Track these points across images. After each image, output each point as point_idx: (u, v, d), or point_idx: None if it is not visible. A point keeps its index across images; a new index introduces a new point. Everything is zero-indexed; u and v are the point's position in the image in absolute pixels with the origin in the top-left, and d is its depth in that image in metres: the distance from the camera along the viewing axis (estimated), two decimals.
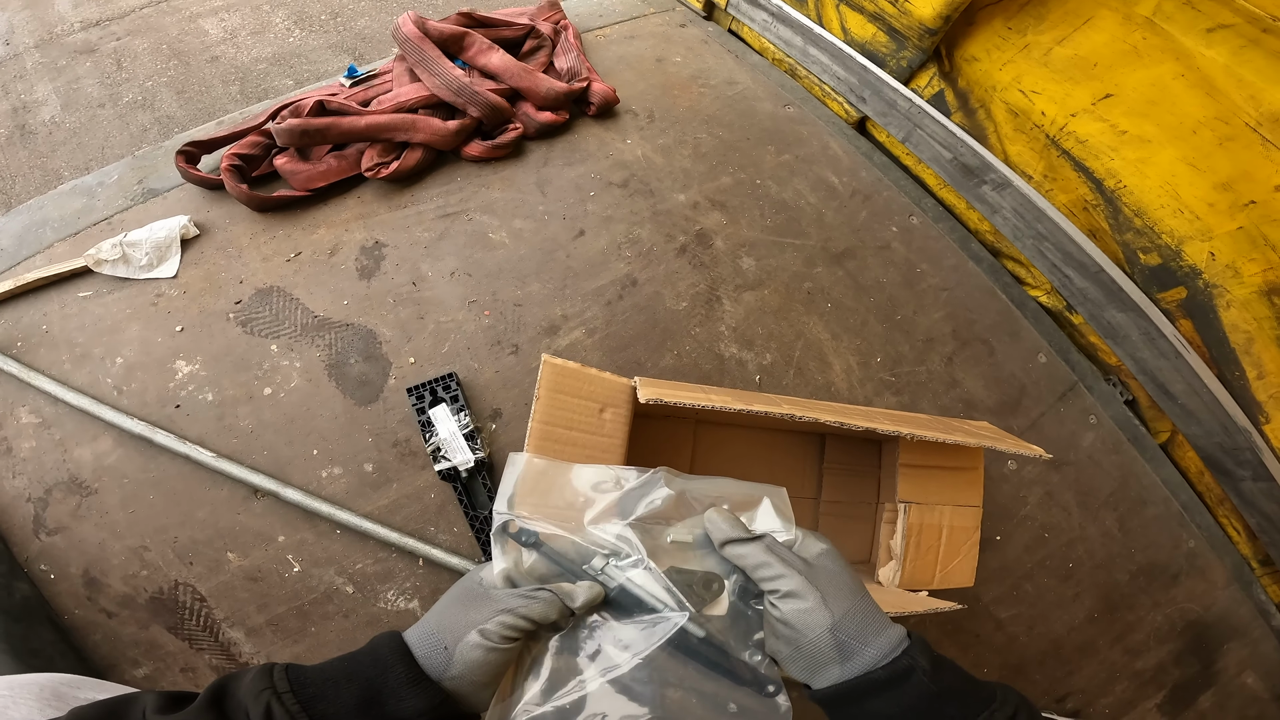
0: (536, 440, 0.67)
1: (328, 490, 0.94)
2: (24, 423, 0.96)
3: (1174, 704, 1.07)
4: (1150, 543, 1.11)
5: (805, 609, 0.43)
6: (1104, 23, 1.02)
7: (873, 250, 1.25)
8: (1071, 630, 1.05)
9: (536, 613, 0.42)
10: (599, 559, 0.48)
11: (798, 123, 1.41)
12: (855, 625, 0.43)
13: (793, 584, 0.43)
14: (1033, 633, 1.04)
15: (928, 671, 0.41)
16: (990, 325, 1.20)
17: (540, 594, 0.43)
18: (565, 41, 1.40)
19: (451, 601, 0.45)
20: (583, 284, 1.10)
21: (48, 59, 2.57)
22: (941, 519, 0.81)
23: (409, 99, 1.18)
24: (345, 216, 1.12)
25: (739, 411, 0.68)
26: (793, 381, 1.10)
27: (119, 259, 1.05)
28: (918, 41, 1.19)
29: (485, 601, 0.43)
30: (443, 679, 0.41)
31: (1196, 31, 0.92)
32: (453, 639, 0.42)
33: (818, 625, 0.42)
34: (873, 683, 0.41)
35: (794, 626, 0.43)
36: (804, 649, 0.43)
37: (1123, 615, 1.06)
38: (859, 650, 0.42)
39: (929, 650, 0.43)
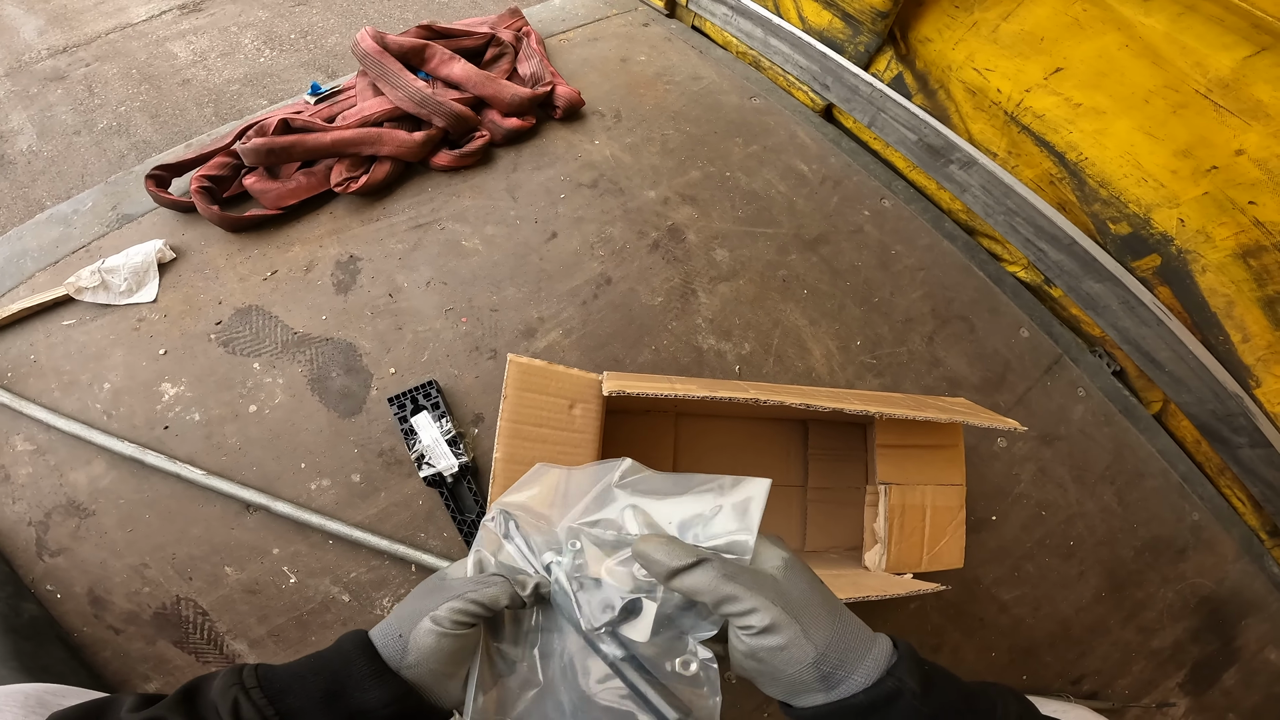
0: (506, 439, 0.69)
1: (317, 502, 0.95)
2: (19, 450, 0.98)
3: (1196, 683, 1.05)
4: (1152, 516, 1.09)
5: (783, 643, 0.37)
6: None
7: (846, 235, 1.26)
8: (1079, 610, 1.04)
9: (486, 597, 0.41)
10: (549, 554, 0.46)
11: (764, 113, 1.43)
12: (839, 653, 0.38)
13: (767, 617, 0.37)
14: (1039, 614, 1.03)
15: (917, 694, 0.37)
16: (969, 302, 1.21)
17: (492, 579, 0.43)
18: (528, 47, 1.42)
19: (412, 595, 0.46)
20: (557, 285, 1.11)
21: (18, 87, 2.57)
22: (924, 499, 0.80)
23: (373, 113, 1.19)
24: (319, 233, 1.13)
25: (705, 399, 0.68)
26: (773, 369, 1.10)
27: (99, 286, 1.06)
28: (871, 25, 1.20)
29: (441, 591, 0.43)
30: (401, 669, 0.41)
31: (1133, 1, 0.93)
32: (408, 627, 0.42)
33: (801, 660, 0.37)
34: (855, 709, 0.37)
35: (771, 663, 0.38)
36: (782, 680, 0.39)
37: (1131, 593, 1.05)
38: (844, 679, 0.37)
39: (918, 664, 0.39)
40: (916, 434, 0.83)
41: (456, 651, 0.42)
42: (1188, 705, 1.05)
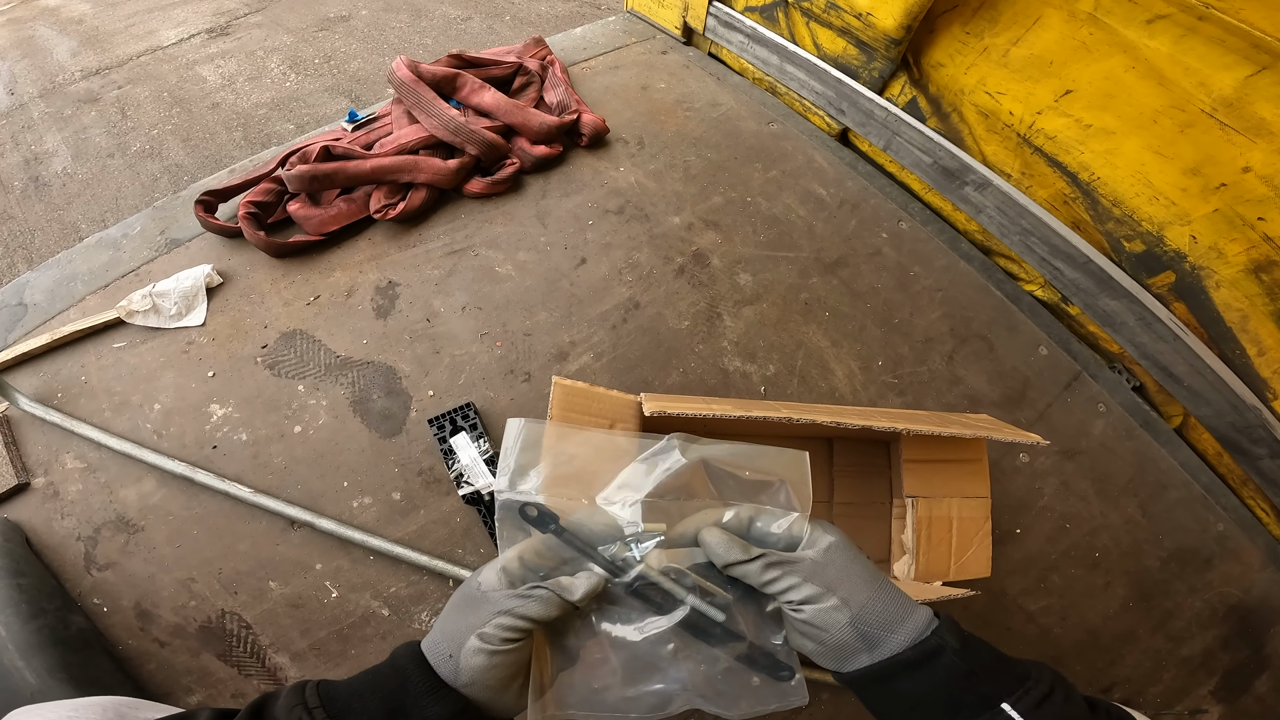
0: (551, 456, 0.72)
1: (359, 519, 0.99)
2: (69, 468, 1.01)
3: (1228, 690, 1.04)
4: (1176, 527, 1.09)
5: (822, 609, 0.42)
6: (1051, 21, 1.04)
7: (864, 257, 1.29)
8: (1107, 619, 1.04)
9: (534, 612, 0.41)
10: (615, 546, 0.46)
11: (782, 139, 1.47)
12: (877, 614, 0.42)
13: (804, 591, 0.43)
14: (1066, 623, 1.03)
15: (957, 650, 0.41)
16: (987, 321, 1.23)
17: (536, 593, 0.42)
18: (553, 76, 1.47)
19: (452, 608, 0.44)
20: (587, 310, 1.15)
21: (53, 109, 2.64)
22: (950, 511, 0.82)
23: (409, 140, 1.24)
24: (359, 258, 1.18)
25: (740, 418, 0.70)
26: (797, 390, 1.13)
27: (149, 309, 1.11)
28: (885, 52, 1.24)
29: (483, 604, 0.42)
30: (456, 686, 0.42)
31: (1137, 24, 0.94)
32: (455, 646, 0.42)
33: (838, 621, 0.42)
34: (902, 663, 0.41)
35: (815, 625, 0.43)
36: (829, 644, 0.43)
37: (1159, 602, 1.05)
38: (885, 638, 0.42)
39: (958, 629, 0.43)
40: (941, 449, 0.84)
41: (510, 665, 0.42)
42: (1221, 712, 1.04)
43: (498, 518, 0.48)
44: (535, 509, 0.47)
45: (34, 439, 1.03)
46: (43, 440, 1.03)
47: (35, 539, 0.96)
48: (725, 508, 0.47)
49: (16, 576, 0.88)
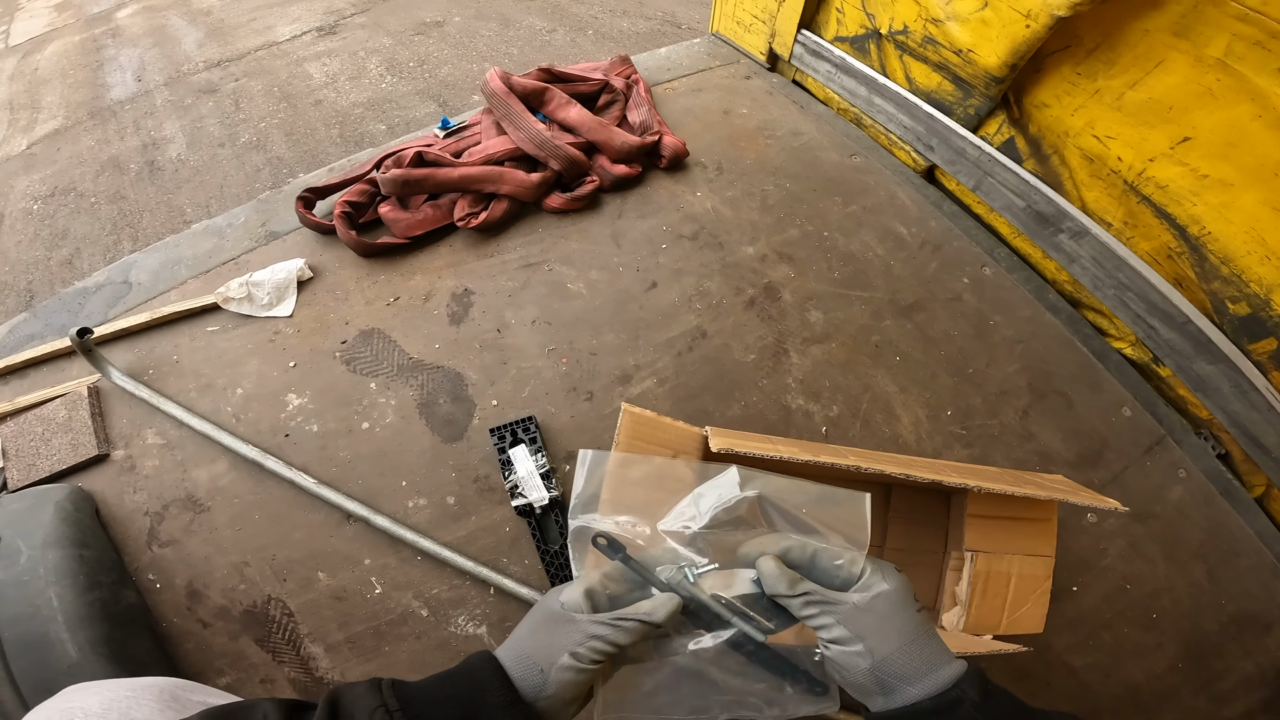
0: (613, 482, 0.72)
1: (412, 519, 1.01)
2: (149, 443, 1.08)
3: None
4: (1242, 592, 1.05)
5: (845, 652, 0.46)
6: (1176, 65, 0.98)
7: (942, 302, 1.24)
8: (1152, 678, 1.00)
9: (624, 640, 0.45)
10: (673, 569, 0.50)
11: (864, 172, 1.43)
12: (899, 666, 0.45)
13: (835, 632, 0.46)
14: (1108, 680, 1.00)
15: (976, 703, 0.43)
16: (1069, 377, 1.17)
17: (627, 625, 0.45)
18: (637, 95, 1.48)
19: (538, 625, 0.47)
20: (654, 335, 1.15)
21: (175, 97, 2.87)
22: (1010, 567, 0.81)
23: (496, 151, 1.28)
24: (438, 264, 1.22)
25: (806, 463, 0.70)
26: (859, 433, 1.10)
27: (244, 298, 1.18)
28: (984, 89, 1.19)
29: (572, 625, 0.46)
30: (537, 700, 0.44)
31: (1269, 71, 0.88)
32: (547, 662, 0.44)
33: (858, 666, 0.45)
34: (918, 712, 0.44)
35: (838, 664, 0.47)
36: (848, 682, 0.47)
37: (1209, 663, 1.01)
38: (900, 688, 0.45)
39: (983, 682, 0.44)
40: (1009, 506, 0.83)
41: (588, 683, 0.46)
42: None
43: (571, 543, 0.52)
44: (605, 538, 0.52)
45: (120, 412, 1.10)
46: (128, 414, 1.10)
47: (105, 510, 1.02)
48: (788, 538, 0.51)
49: (80, 547, 0.92)
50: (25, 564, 0.88)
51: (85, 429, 1.07)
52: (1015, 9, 1.05)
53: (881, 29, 1.35)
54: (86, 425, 1.08)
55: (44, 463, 1.05)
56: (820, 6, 1.52)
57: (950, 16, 1.17)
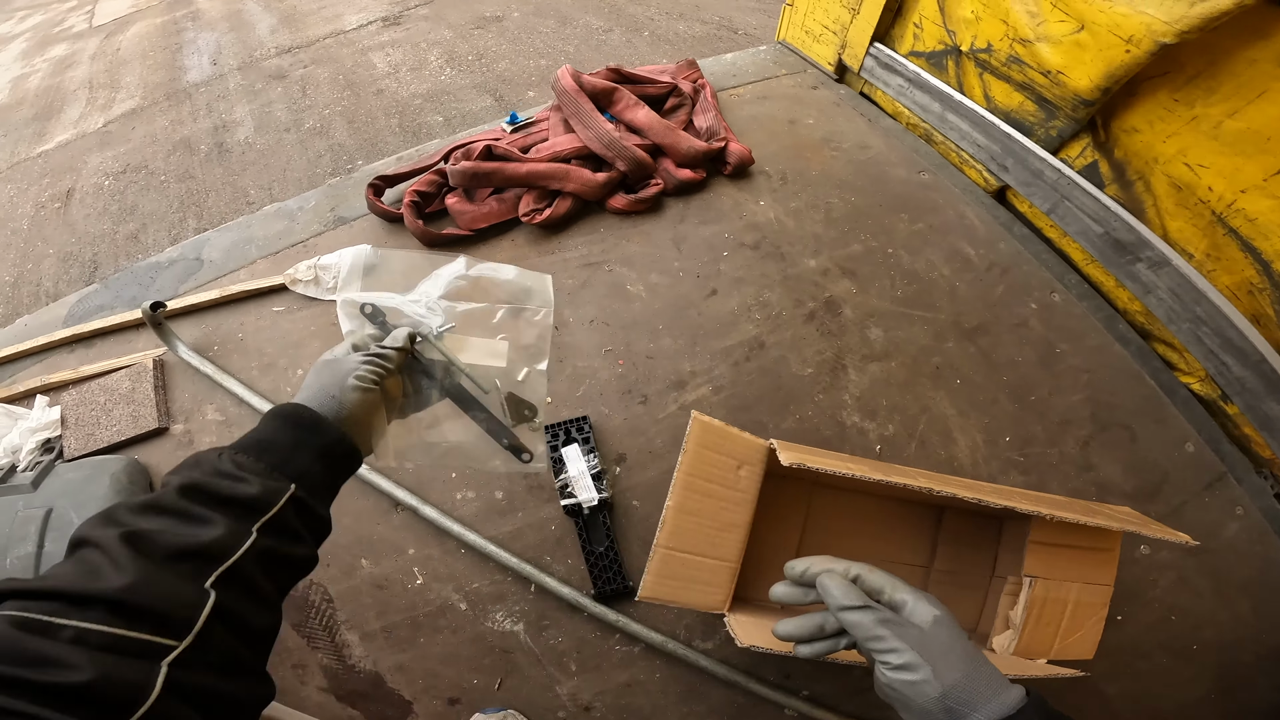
0: (681, 490, 0.73)
1: (460, 511, 1.02)
2: (209, 419, 1.11)
3: None
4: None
5: (915, 680, 0.46)
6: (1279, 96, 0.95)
7: (1008, 327, 1.20)
8: (1181, 709, 0.98)
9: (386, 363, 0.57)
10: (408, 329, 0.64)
11: (932, 190, 1.40)
12: (965, 693, 0.45)
13: (905, 658, 0.46)
14: (1137, 708, 0.97)
15: None
16: (1134, 410, 1.13)
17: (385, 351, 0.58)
18: (704, 100, 1.47)
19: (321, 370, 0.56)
20: (712, 342, 1.14)
21: (247, 81, 2.97)
22: (1067, 594, 0.81)
23: (563, 149, 1.28)
24: (499, 258, 1.22)
25: (878, 482, 0.71)
26: (914, 454, 1.07)
27: (311, 280, 1.21)
28: (1071, 112, 1.16)
29: (345, 363, 0.56)
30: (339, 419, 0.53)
31: None
32: (337, 389, 0.54)
33: (926, 694, 0.46)
34: None
35: (903, 693, 0.47)
36: (914, 710, 0.47)
37: (1239, 695, 0.99)
38: (967, 714, 0.45)
39: (1045, 708, 0.45)
40: (1073, 535, 0.83)
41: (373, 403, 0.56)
42: None
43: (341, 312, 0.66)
44: (371, 306, 0.67)
45: (182, 386, 1.13)
46: (190, 389, 1.13)
47: (158, 484, 1.04)
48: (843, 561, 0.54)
49: None
50: None
51: (147, 401, 1.11)
52: (1115, 34, 1.02)
53: (962, 46, 1.32)
54: (149, 397, 1.11)
55: (103, 433, 1.08)
56: (896, 21, 1.50)
57: (1041, 38, 1.14)
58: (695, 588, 0.75)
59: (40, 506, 0.95)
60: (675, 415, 1.08)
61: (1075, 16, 1.08)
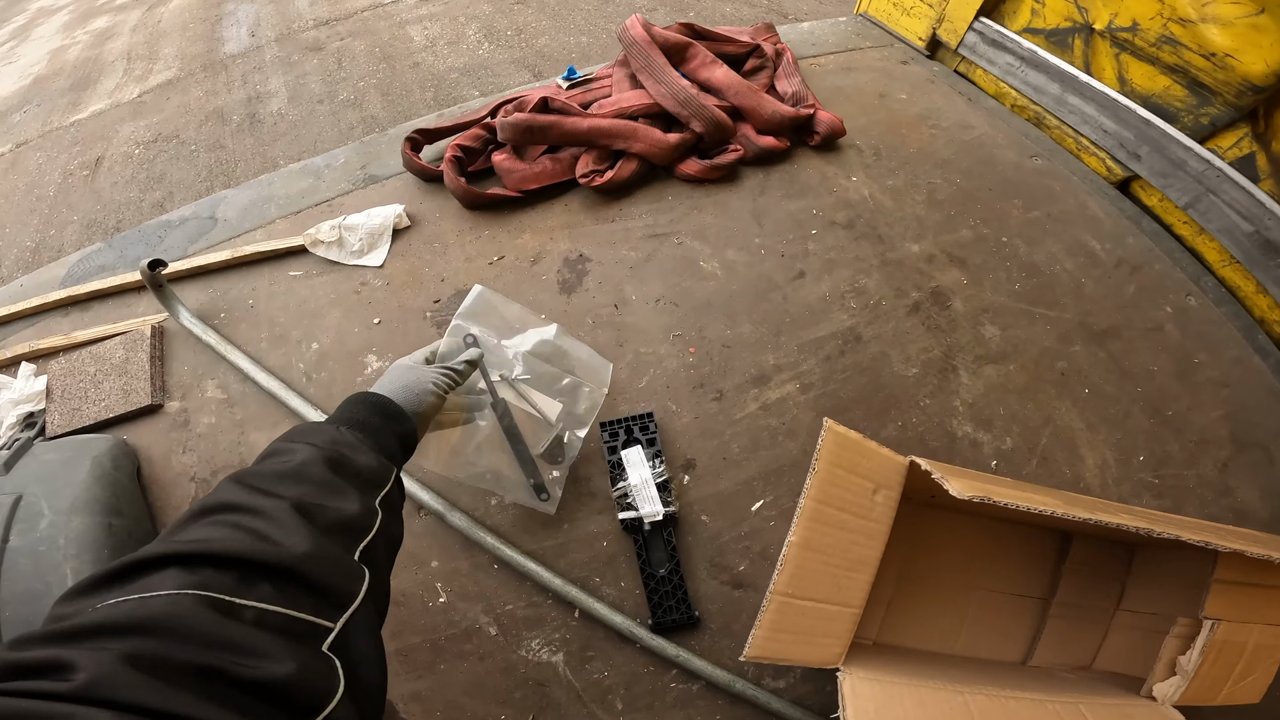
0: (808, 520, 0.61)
1: (494, 519, 0.86)
2: (208, 396, 0.95)
3: None
4: None
5: None
6: None
7: (1141, 332, 1.04)
8: None
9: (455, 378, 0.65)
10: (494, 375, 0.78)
11: (1048, 176, 1.21)
12: None
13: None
14: None
15: None
16: (1273, 430, 1.01)
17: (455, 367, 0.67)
18: (786, 64, 1.30)
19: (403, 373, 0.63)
20: (799, 332, 0.97)
21: (283, 53, 2.89)
22: (1248, 637, 0.73)
23: (631, 105, 1.12)
24: (551, 224, 1.06)
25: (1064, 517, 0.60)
26: (1034, 471, 0.92)
27: (334, 242, 1.06)
28: (1234, 99, 1.03)
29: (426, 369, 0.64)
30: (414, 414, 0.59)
31: None
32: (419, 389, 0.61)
33: None
34: None
35: None
36: None
37: None
38: None
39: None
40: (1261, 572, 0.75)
41: (439, 406, 0.63)
42: None
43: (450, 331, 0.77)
44: (472, 337, 0.77)
45: (183, 358, 0.99)
46: (191, 361, 0.98)
47: (147, 470, 0.89)
48: None
49: (111, 515, 0.80)
50: (45, 530, 0.76)
51: (142, 373, 0.96)
52: None
53: (1096, 24, 1.19)
54: (144, 369, 0.96)
55: (90, 408, 0.94)
56: None
57: (1206, 18, 1.02)
58: (812, 640, 0.61)
59: (9, 493, 0.80)
60: (756, 416, 0.90)
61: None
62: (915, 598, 0.82)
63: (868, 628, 0.80)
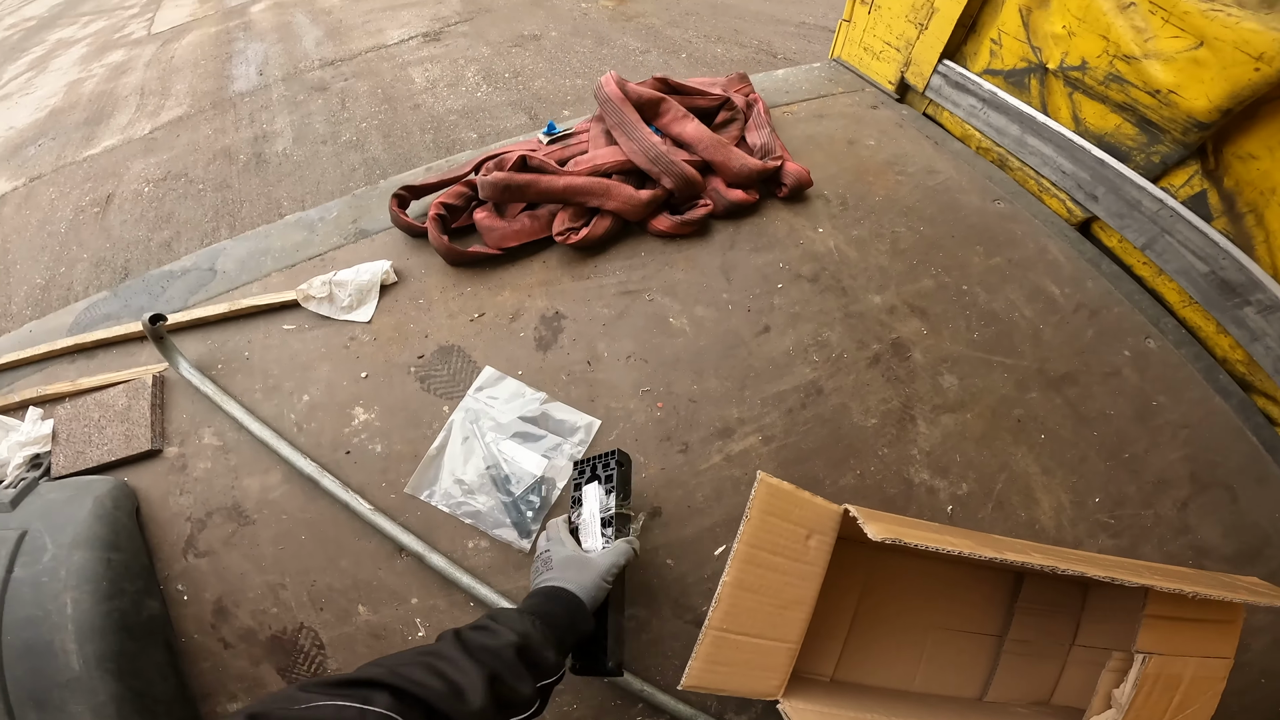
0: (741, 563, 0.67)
1: (471, 561, 0.91)
2: (205, 443, 1.01)
3: None
4: None
5: None
6: None
7: (1099, 377, 1.07)
8: None
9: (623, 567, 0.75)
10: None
11: (1010, 220, 1.26)
12: None
13: None
14: None
15: None
16: (1235, 469, 1.03)
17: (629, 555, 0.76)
18: (757, 116, 1.36)
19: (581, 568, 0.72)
20: (763, 386, 1.02)
21: (290, 92, 2.99)
22: (1183, 670, 0.75)
23: (605, 163, 1.18)
24: (529, 281, 1.12)
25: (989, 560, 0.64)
26: (990, 516, 0.96)
27: (325, 297, 1.12)
28: (1180, 135, 1.05)
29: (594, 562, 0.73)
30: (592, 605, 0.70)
31: None
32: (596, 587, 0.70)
33: None
34: None
35: None
36: None
37: None
38: None
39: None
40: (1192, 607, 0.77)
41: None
42: None
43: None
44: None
45: (181, 406, 1.05)
46: (189, 409, 1.04)
47: (145, 510, 0.95)
48: None
49: (110, 550, 0.86)
50: (47, 563, 0.82)
51: (143, 420, 1.02)
52: (1243, 50, 0.93)
53: (1049, 63, 1.22)
54: (145, 417, 1.03)
55: (94, 451, 1.00)
56: (969, 37, 1.39)
57: (1149, 54, 1.05)
58: (749, 673, 0.67)
59: (15, 529, 0.87)
60: (720, 467, 0.95)
61: (1193, 32, 0.99)
62: (873, 637, 0.85)
63: (823, 664, 0.84)
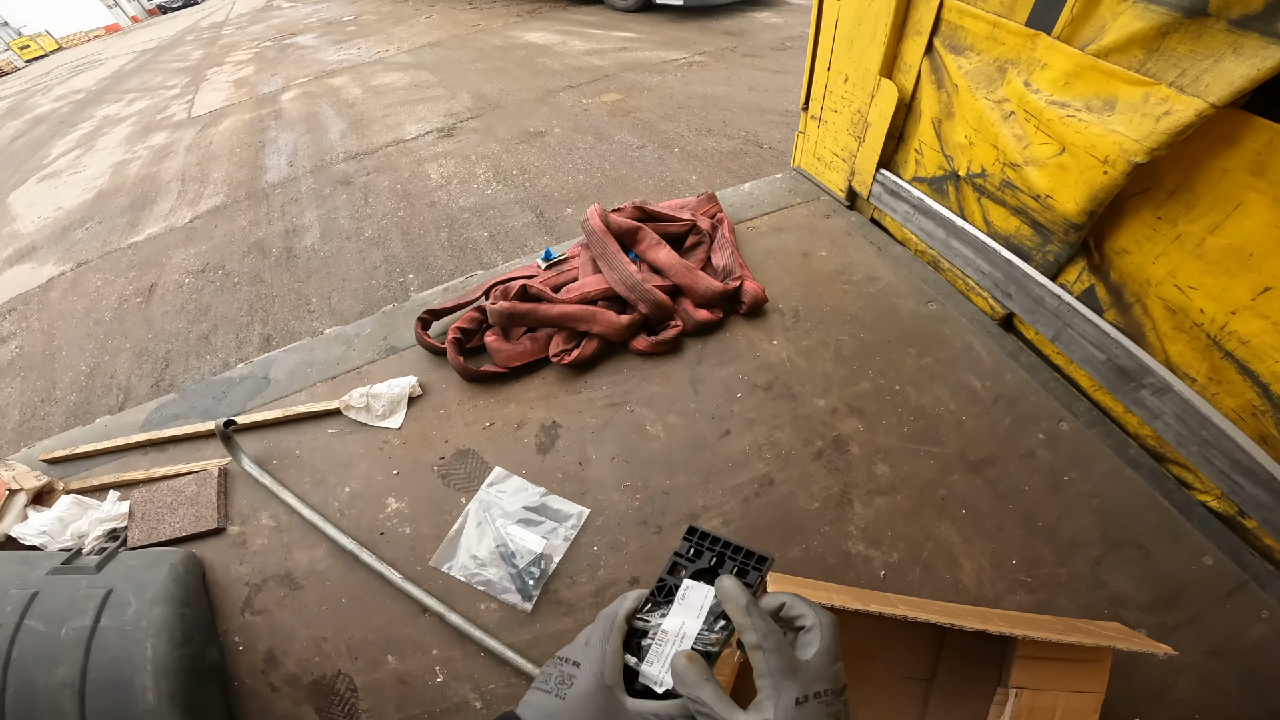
0: None
1: (483, 619, 1.09)
2: (262, 524, 1.23)
3: None
4: None
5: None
6: (1254, 207, 0.91)
7: (1015, 458, 1.23)
8: None
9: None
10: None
11: (940, 321, 1.46)
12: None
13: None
14: None
15: None
16: (1147, 530, 1.13)
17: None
18: (721, 237, 1.61)
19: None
20: (724, 480, 1.22)
21: (317, 185, 3.26)
22: (1055, 703, 0.82)
23: (591, 290, 1.42)
24: (531, 395, 1.35)
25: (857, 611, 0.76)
26: (918, 579, 1.09)
27: (363, 407, 1.35)
28: (1063, 236, 1.16)
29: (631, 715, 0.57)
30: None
31: None
32: None
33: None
34: None
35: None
36: None
37: None
38: None
39: None
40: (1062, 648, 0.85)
41: None
42: None
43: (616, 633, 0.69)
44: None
45: (243, 493, 1.27)
46: (249, 496, 1.26)
47: (210, 575, 1.16)
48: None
49: (184, 606, 1.04)
50: (131, 615, 0.98)
51: (210, 504, 1.24)
52: (1092, 155, 1.02)
53: (960, 171, 1.35)
54: (212, 501, 1.24)
55: (167, 528, 1.21)
56: (899, 147, 1.55)
57: (1028, 161, 1.15)
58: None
59: (102, 587, 1.03)
60: None
61: (1056, 139, 1.08)
62: None
63: None
